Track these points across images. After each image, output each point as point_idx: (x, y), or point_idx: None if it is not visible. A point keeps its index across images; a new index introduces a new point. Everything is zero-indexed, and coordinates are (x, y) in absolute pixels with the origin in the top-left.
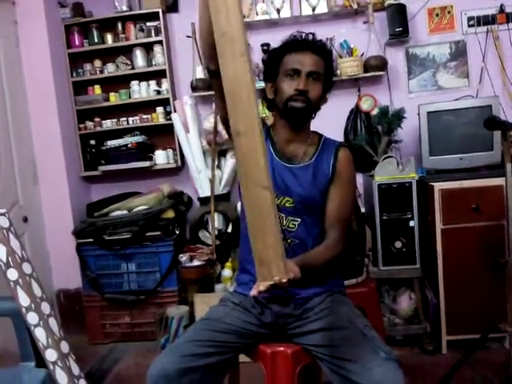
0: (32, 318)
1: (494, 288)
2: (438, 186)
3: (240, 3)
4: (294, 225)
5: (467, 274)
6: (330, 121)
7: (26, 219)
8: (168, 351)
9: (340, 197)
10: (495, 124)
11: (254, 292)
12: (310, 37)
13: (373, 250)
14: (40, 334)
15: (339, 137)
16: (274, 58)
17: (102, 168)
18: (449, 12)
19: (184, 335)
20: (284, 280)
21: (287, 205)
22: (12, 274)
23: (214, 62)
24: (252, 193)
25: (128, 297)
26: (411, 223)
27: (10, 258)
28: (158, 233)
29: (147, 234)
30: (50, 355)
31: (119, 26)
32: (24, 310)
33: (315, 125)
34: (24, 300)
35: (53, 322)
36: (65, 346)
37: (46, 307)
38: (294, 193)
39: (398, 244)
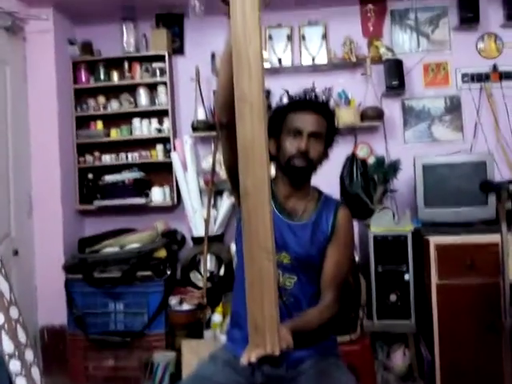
0: (15, 365)
1: (490, 348)
2: (434, 240)
3: (263, 70)
4: (291, 283)
5: (463, 332)
6: (327, 166)
7: (16, 252)
8: None
9: (337, 257)
10: (490, 187)
11: (244, 360)
12: (313, 96)
13: (367, 302)
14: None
15: (335, 183)
16: (277, 116)
17: (97, 203)
18: (444, 68)
19: None
20: (276, 352)
21: (285, 261)
22: None
23: (226, 115)
24: (255, 255)
25: (113, 338)
26: (406, 277)
27: None
28: (149, 272)
29: (138, 273)
30: None
31: (126, 65)
32: (7, 356)
33: None
34: (8, 346)
35: (35, 372)
36: None
37: (29, 355)
38: (292, 250)
39: (393, 297)
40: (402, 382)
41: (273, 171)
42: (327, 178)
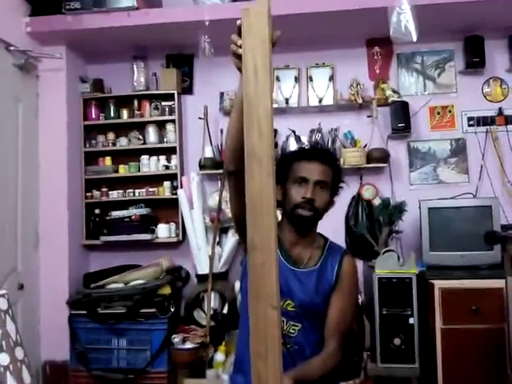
0: None
1: None
2: (438, 284)
3: (272, 128)
4: (295, 330)
5: (467, 377)
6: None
7: (21, 286)
8: None
9: (341, 306)
10: (495, 238)
11: None
12: (319, 146)
13: (371, 345)
14: None
15: (341, 222)
16: (284, 163)
17: (103, 238)
18: (450, 111)
19: None
20: None
21: (289, 308)
22: (4, 359)
23: (234, 164)
24: (260, 309)
25: (116, 375)
26: (411, 320)
27: (3, 342)
28: (153, 309)
29: (142, 310)
30: None
31: (135, 103)
32: None
33: None
34: None
35: None
36: None
37: None
38: (297, 297)
39: (397, 341)
40: None
41: (279, 217)
42: (333, 218)
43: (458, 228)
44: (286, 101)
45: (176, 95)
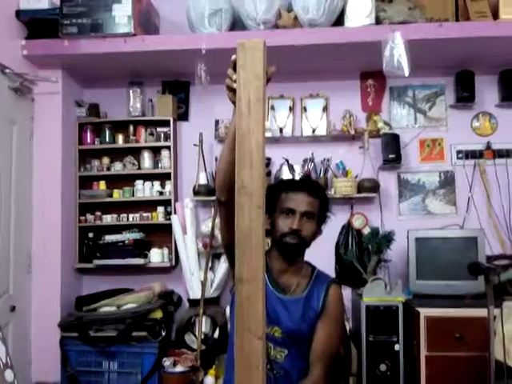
0: None
1: None
2: (424, 312)
3: (264, 161)
4: (281, 356)
5: None
6: (323, 235)
7: (13, 308)
8: None
9: (326, 333)
10: (478, 270)
11: None
12: (307, 178)
13: (358, 371)
14: None
15: (331, 250)
16: (271, 194)
17: (96, 262)
18: (439, 144)
19: None
20: None
21: (276, 334)
22: None
23: (225, 194)
24: (245, 340)
25: None
26: (396, 347)
27: None
28: (144, 333)
29: (133, 334)
30: None
31: (131, 128)
32: None
33: None
34: None
35: None
36: None
37: None
38: (284, 325)
39: (383, 367)
40: None
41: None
42: (323, 246)
43: (444, 258)
44: (280, 130)
45: (171, 121)
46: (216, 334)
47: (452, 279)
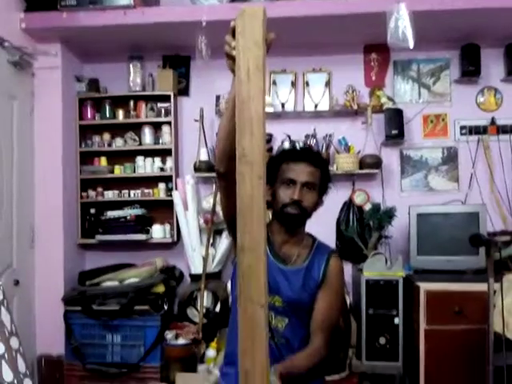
0: None
1: None
2: (424, 286)
3: (264, 130)
4: (282, 325)
5: (448, 377)
6: (324, 210)
7: (17, 282)
8: None
9: (327, 304)
10: (480, 241)
11: None
12: (307, 148)
13: (357, 343)
14: None
15: (332, 226)
16: (273, 164)
17: (98, 237)
18: (443, 119)
19: None
20: None
21: (277, 304)
22: None
23: (224, 165)
24: (248, 308)
25: (110, 369)
26: (396, 320)
27: None
28: (147, 307)
29: (136, 307)
30: None
31: (131, 103)
32: None
33: None
34: (7, 375)
35: None
36: None
37: None
38: (284, 294)
39: (382, 340)
40: None
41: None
42: (324, 222)
43: (445, 233)
44: (282, 105)
45: (172, 97)
46: (217, 308)
47: (453, 255)
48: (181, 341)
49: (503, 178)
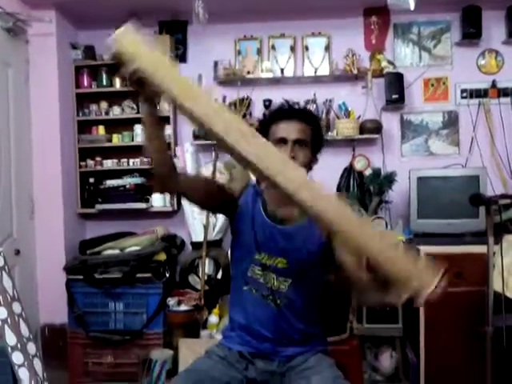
0: (17, 357)
1: (473, 354)
2: (424, 249)
3: None
4: (285, 285)
5: (448, 338)
6: (324, 177)
7: (18, 252)
8: None
9: None
10: (480, 201)
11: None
12: (296, 106)
13: (358, 308)
14: (24, 374)
15: (332, 191)
16: (263, 128)
17: (98, 206)
18: (443, 83)
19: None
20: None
21: (279, 265)
22: (1, 313)
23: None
24: None
25: (113, 336)
26: None
27: (0, 297)
28: (149, 274)
29: (137, 275)
30: None
31: None
32: (10, 349)
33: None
34: (11, 339)
35: (37, 364)
36: None
37: (31, 348)
38: (286, 254)
39: None
40: (388, 382)
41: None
42: (324, 188)
43: (445, 197)
44: (282, 71)
45: None
46: (219, 275)
47: (453, 218)
48: (183, 307)
49: (504, 141)
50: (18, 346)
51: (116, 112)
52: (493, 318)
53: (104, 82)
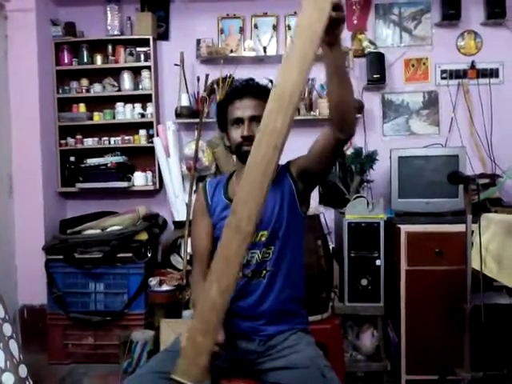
0: None
1: (452, 331)
2: (405, 228)
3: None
4: (269, 253)
5: (428, 316)
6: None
7: None
8: (129, 382)
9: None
10: (458, 178)
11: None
12: (247, 82)
13: (340, 286)
14: None
15: None
16: (220, 110)
17: (79, 185)
18: (424, 64)
19: (147, 365)
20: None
21: (263, 239)
22: None
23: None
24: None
25: (93, 317)
26: (377, 262)
27: None
28: (130, 254)
29: (118, 255)
30: (7, 379)
31: (109, 48)
32: None
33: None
34: None
35: (13, 345)
36: (23, 370)
37: (7, 329)
38: (265, 225)
39: (364, 281)
40: (369, 361)
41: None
42: None
43: (425, 176)
44: (264, 49)
45: (151, 41)
46: None
47: (433, 197)
48: (165, 287)
49: (482, 121)
50: None
51: (97, 89)
52: (471, 296)
53: (85, 60)
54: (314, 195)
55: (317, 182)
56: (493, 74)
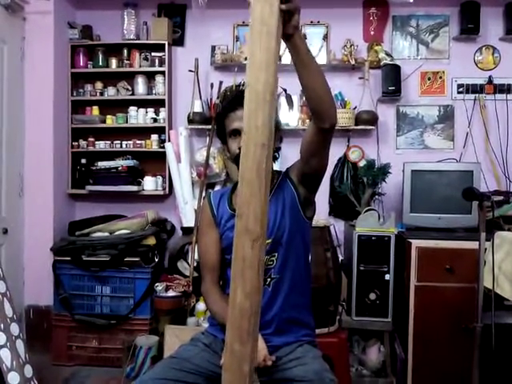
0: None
1: (461, 350)
2: (416, 243)
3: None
4: (273, 260)
5: (437, 334)
6: None
7: (6, 231)
8: None
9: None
10: (473, 195)
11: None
12: (240, 93)
13: (347, 299)
14: (5, 355)
15: (325, 182)
16: (218, 124)
17: (89, 187)
18: (440, 77)
19: (151, 372)
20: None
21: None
22: None
23: None
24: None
25: (98, 320)
26: (387, 276)
27: None
28: (137, 259)
29: (126, 259)
30: (13, 378)
31: (125, 52)
32: None
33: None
34: None
35: (20, 345)
36: (28, 370)
37: (15, 328)
38: (268, 231)
39: (373, 296)
40: (375, 376)
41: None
42: None
43: (438, 191)
44: (279, 59)
45: (166, 46)
46: None
47: (446, 213)
48: (171, 293)
49: (498, 137)
50: (1, 325)
51: (111, 93)
52: (482, 315)
53: (100, 63)
54: (324, 208)
55: (317, 182)
56: (510, 89)
